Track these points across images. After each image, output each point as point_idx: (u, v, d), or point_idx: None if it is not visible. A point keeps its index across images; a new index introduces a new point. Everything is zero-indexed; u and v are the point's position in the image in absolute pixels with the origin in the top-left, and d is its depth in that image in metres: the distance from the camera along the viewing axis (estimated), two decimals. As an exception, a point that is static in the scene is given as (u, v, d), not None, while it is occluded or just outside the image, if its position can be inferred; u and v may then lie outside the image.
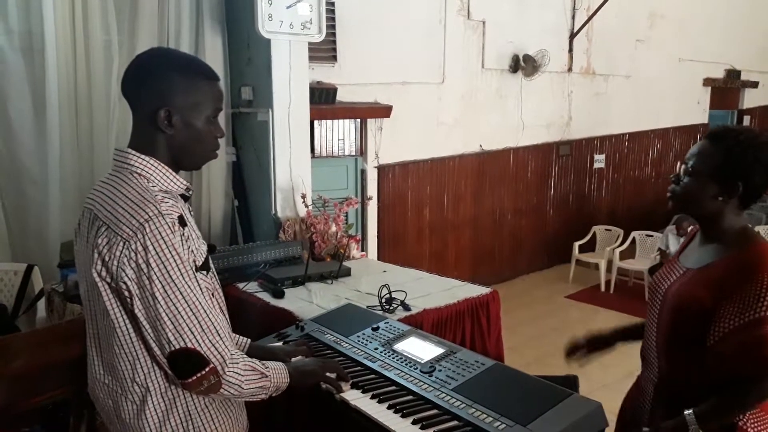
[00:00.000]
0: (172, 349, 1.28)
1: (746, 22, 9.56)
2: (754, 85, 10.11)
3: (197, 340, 1.28)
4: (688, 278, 1.63)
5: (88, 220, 1.35)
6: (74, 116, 3.42)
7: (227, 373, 1.32)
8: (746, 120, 10.36)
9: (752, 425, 1.52)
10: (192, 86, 1.36)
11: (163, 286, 1.26)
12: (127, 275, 1.26)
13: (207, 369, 1.29)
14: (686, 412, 1.48)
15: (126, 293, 1.28)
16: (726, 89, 9.72)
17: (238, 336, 1.73)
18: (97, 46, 3.42)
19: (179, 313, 1.27)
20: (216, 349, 1.30)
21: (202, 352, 1.29)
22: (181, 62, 1.40)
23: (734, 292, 1.48)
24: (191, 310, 1.28)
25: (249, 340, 1.75)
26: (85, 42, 3.39)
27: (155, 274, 1.25)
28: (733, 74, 9.61)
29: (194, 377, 1.29)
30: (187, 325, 1.28)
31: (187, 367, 1.29)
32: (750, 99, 10.28)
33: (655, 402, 1.68)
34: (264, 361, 1.45)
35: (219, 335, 1.32)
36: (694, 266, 1.65)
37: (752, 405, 1.50)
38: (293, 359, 1.76)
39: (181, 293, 1.27)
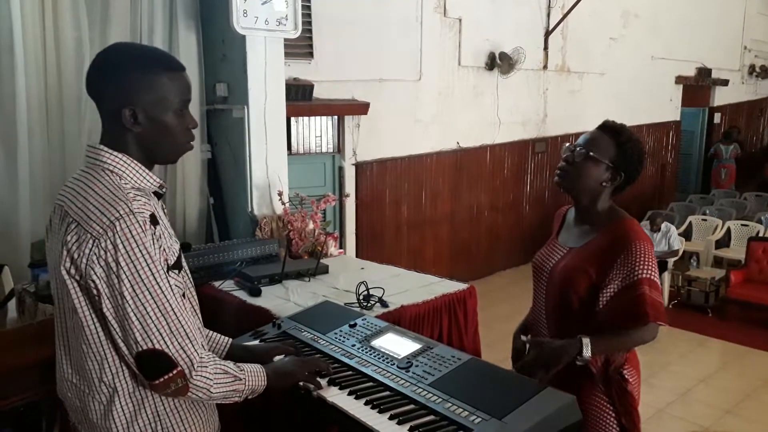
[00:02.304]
0: (140, 349, 1.26)
1: (717, 22, 9.76)
2: (725, 83, 10.33)
3: (165, 342, 1.27)
4: (572, 255, 1.87)
5: (59, 216, 1.33)
6: (44, 113, 3.35)
7: (194, 377, 1.30)
8: (717, 117, 10.59)
9: (628, 376, 1.84)
10: (153, 81, 1.32)
11: (132, 286, 1.24)
12: (96, 273, 1.24)
13: (175, 371, 1.28)
14: (581, 336, 1.70)
15: (94, 291, 1.26)
16: (697, 87, 9.91)
17: (219, 336, 1.71)
18: (67, 42, 3.35)
19: (147, 313, 1.25)
20: (184, 351, 1.29)
21: (170, 354, 1.27)
22: (140, 58, 1.36)
23: (614, 262, 1.74)
24: (160, 311, 1.27)
25: (230, 339, 1.73)
26: (56, 38, 3.32)
27: (124, 273, 1.24)
28: (704, 72, 9.81)
29: (162, 379, 1.28)
30: (155, 325, 1.26)
31: (154, 368, 1.27)
32: (720, 97, 10.51)
33: None
34: (240, 364, 1.43)
35: (188, 337, 1.30)
36: (576, 245, 1.89)
37: (630, 347, 1.82)
38: (275, 359, 1.75)
39: (150, 293, 1.26)
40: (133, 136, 1.35)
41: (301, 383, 1.63)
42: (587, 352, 1.69)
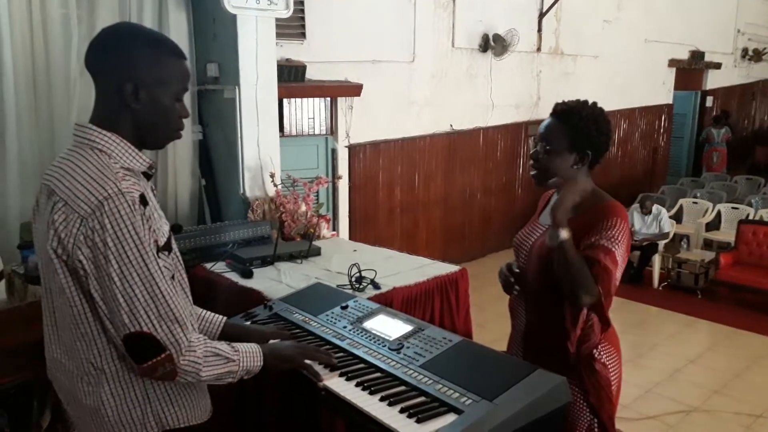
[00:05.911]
0: (127, 332, 1.25)
1: (710, 5, 9.72)
2: (717, 66, 10.31)
3: (153, 325, 1.26)
4: None
5: (45, 195, 1.31)
6: (32, 93, 3.30)
7: (182, 361, 1.29)
8: (709, 101, 10.59)
9: (605, 355, 1.80)
10: (160, 62, 1.34)
11: (119, 267, 1.23)
12: (83, 254, 1.23)
13: (162, 355, 1.27)
14: (563, 234, 1.68)
15: (82, 272, 1.25)
16: (690, 70, 9.89)
17: (212, 315, 1.71)
18: (54, 20, 3.29)
19: (135, 295, 1.24)
20: (172, 335, 1.28)
21: (158, 338, 1.26)
22: (150, 37, 1.38)
23: (588, 230, 1.73)
24: (148, 293, 1.25)
25: (224, 318, 1.73)
26: (42, 16, 3.25)
27: (112, 253, 1.23)
28: (697, 55, 9.78)
29: (149, 362, 1.27)
30: (143, 308, 1.25)
31: (142, 351, 1.27)
32: (713, 80, 10.50)
33: (525, 350, 1.94)
34: (235, 344, 1.42)
35: (177, 321, 1.28)
36: None
37: (577, 280, 1.67)
38: (270, 342, 1.75)
39: (138, 275, 1.24)
40: (129, 114, 1.33)
41: (304, 372, 1.61)
42: (563, 235, 1.67)
